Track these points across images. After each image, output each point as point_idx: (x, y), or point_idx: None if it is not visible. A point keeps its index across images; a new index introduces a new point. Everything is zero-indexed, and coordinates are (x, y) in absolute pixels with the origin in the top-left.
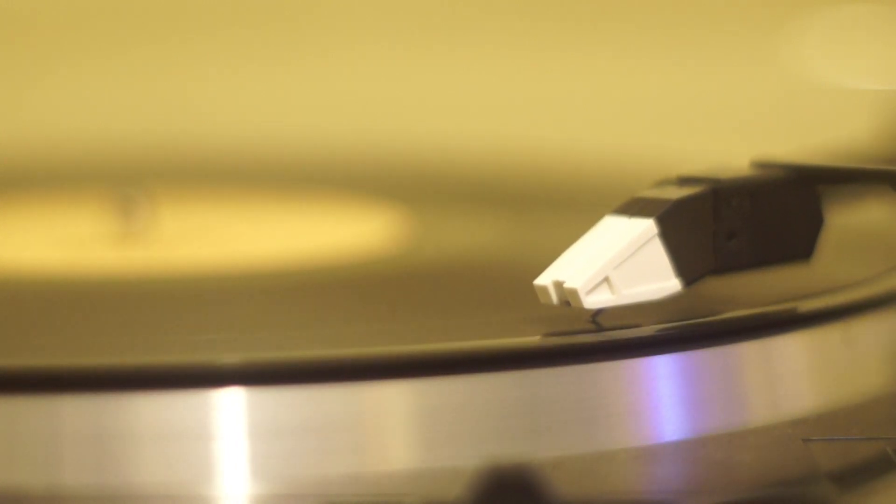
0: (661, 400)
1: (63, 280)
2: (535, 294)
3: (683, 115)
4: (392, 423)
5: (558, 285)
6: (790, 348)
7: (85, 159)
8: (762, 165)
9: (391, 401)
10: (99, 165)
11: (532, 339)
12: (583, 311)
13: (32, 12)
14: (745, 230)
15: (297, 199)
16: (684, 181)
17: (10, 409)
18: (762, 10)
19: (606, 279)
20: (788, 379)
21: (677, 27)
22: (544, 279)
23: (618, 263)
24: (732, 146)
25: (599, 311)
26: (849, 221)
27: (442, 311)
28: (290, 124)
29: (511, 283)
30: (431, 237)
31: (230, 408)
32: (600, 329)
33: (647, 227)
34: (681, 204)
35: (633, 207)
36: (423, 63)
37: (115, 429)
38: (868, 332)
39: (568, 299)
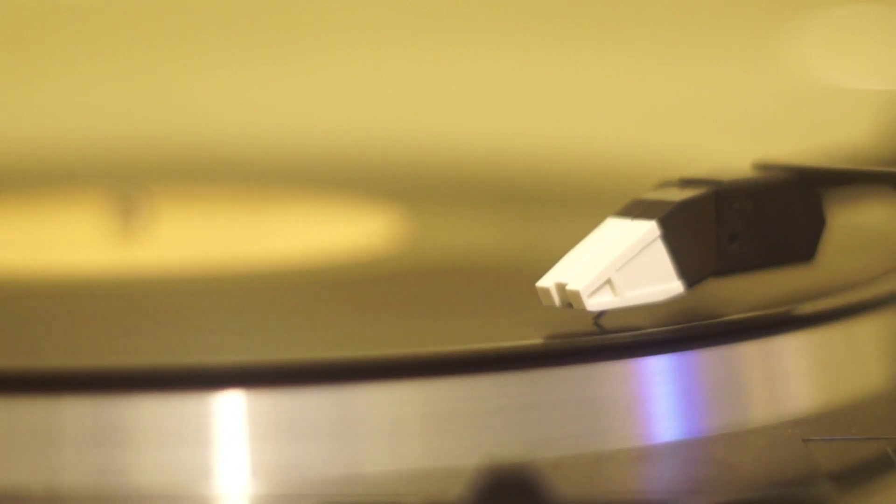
0: (661, 400)
1: (63, 280)
2: (536, 295)
3: (685, 116)
4: (392, 424)
5: (560, 287)
6: (790, 348)
7: (85, 159)
8: (764, 167)
9: (391, 402)
10: (99, 165)
11: (533, 341)
12: (585, 313)
13: (32, 12)
14: (748, 232)
15: (297, 198)
16: (686, 183)
17: (10, 409)
18: (762, 10)
19: (609, 281)
20: (788, 379)
21: (678, 27)
22: (546, 281)
23: (620, 265)
24: (734, 147)
25: (601, 313)
26: (850, 223)
27: (442, 313)
28: (290, 124)
29: (512, 284)
30: (431, 237)
31: (230, 409)
32: (602, 331)
33: (649, 229)
34: (683, 206)
35: (636, 209)
36: (423, 63)
37: (114, 429)
38: (868, 332)
39: (570, 301)
